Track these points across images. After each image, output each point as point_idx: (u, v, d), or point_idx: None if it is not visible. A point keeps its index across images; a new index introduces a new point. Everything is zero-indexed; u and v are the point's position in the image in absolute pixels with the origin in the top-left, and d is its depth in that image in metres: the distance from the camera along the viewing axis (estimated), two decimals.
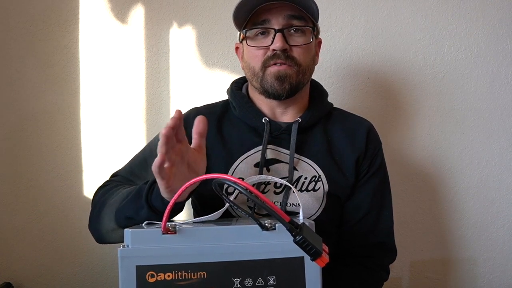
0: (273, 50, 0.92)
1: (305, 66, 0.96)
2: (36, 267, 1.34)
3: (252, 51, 0.96)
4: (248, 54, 0.98)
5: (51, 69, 1.33)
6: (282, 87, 0.93)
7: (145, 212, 0.77)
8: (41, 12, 1.32)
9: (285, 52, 0.92)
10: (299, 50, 0.94)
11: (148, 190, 0.78)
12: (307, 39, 0.95)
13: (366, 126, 1.05)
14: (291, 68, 0.93)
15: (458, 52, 1.41)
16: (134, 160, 1.03)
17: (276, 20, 0.92)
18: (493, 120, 1.41)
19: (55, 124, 1.33)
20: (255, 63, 0.95)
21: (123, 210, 0.83)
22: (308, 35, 0.96)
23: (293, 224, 0.60)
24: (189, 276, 0.65)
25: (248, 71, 0.99)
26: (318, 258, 0.59)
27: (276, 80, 0.93)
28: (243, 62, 1.02)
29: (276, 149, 0.98)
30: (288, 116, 1.02)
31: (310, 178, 0.97)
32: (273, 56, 0.92)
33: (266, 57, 0.93)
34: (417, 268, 1.41)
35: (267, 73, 0.94)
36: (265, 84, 0.95)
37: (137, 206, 0.79)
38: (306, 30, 0.95)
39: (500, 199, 1.42)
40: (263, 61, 0.94)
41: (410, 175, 1.40)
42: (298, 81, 0.95)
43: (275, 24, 0.92)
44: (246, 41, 0.97)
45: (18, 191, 1.33)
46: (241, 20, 0.96)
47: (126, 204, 0.83)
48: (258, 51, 0.94)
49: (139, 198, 0.79)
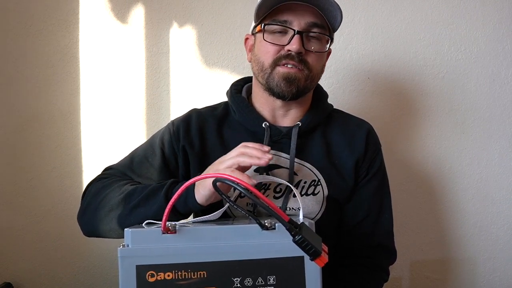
0: (288, 50, 0.91)
1: (315, 73, 0.95)
2: (36, 267, 1.34)
3: (265, 46, 0.94)
4: (260, 48, 0.96)
5: (51, 69, 1.33)
6: (289, 89, 0.92)
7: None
8: (41, 12, 1.32)
9: (299, 55, 0.91)
10: (313, 56, 0.93)
11: (169, 189, 0.82)
12: (322, 47, 0.95)
13: (366, 128, 1.04)
14: (302, 72, 0.92)
15: (458, 52, 1.41)
16: (134, 156, 1.01)
17: (297, 22, 0.91)
18: (493, 120, 1.42)
19: (55, 124, 1.33)
20: (266, 58, 0.94)
21: (140, 212, 0.82)
22: (324, 43, 0.95)
23: (292, 223, 0.60)
24: (189, 276, 0.65)
25: (256, 64, 0.97)
26: (317, 258, 0.59)
27: (283, 81, 0.92)
28: (251, 54, 1.00)
29: (276, 153, 0.97)
30: (288, 119, 1.01)
31: (310, 182, 0.96)
32: (287, 56, 0.91)
33: (279, 56, 0.92)
34: (417, 268, 1.41)
35: (276, 71, 0.93)
36: (271, 82, 0.93)
37: (154, 204, 0.81)
38: (323, 38, 0.95)
39: (500, 199, 1.42)
40: (274, 59, 0.92)
41: (410, 175, 1.40)
42: (305, 86, 0.94)
43: (295, 26, 0.91)
44: (263, 34, 0.94)
45: (18, 191, 1.33)
46: (262, 12, 0.94)
47: (142, 205, 0.82)
48: (272, 48, 0.93)
49: (156, 197, 0.81)
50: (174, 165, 0.99)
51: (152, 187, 0.84)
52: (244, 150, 0.79)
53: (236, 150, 0.80)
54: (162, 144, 0.99)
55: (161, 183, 0.85)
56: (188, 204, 0.80)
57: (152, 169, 0.97)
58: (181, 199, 0.80)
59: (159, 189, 0.83)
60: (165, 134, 1.00)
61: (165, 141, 0.99)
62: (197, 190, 0.79)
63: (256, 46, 0.98)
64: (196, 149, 0.98)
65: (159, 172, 0.97)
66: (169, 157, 0.98)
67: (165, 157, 0.98)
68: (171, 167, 0.98)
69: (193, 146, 0.98)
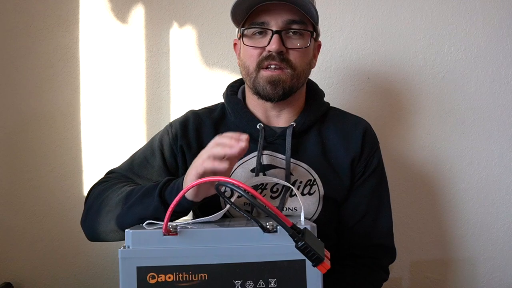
0: (269, 51, 0.91)
1: (300, 70, 0.94)
2: (36, 267, 1.34)
3: (248, 50, 0.95)
4: (244, 53, 0.97)
5: (51, 69, 1.33)
6: (274, 91, 0.92)
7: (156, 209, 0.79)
8: (41, 12, 1.32)
9: (280, 55, 0.91)
10: (295, 53, 0.93)
11: (162, 188, 0.81)
12: (304, 43, 0.94)
13: (363, 126, 1.04)
14: (285, 73, 0.92)
15: (458, 52, 1.41)
16: (134, 158, 1.02)
17: (275, 22, 0.91)
18: (493, 120, 1.42)
19: (55, 124, 1.33)
20: (250, 62, 0.94)
21: (135, 212, 0.82)
22: (306, 39, 0.94)
23: (295, 229, 0.60)
24: (190, 278, 0.65)
25: (243, 69, 0.98)
26: (319, 264, 0.59)
27: (268, 84, 0.92)
28: (239, 59, 1.01)
29: (272, 154, 0.97)
30: (282, 119, 1.01)
31: (305, 182, 0.96)
32: (268, 57, 0.91)
33: (261, 58, 0.92)
34: (417, 268, 1.41)
35: (260, 75, 0.93)
36: (257, 85, 0.94)
37: (150, 204, 0.80)
38: (305, 34, 0.94)
39: (500, 199, 1.42)
40: (258, 62, 0.93)
41: (410, 175, 1.40)
42: (292, 86, 0.94)
43: (273, 26, 0.91)
44: (242, 39, 0.95)
45: (18, 191, 1.33)
46: (240, 18, 0.95)
47: (137, 204, 0.82)
48: (254, 51, 0.93)
49: (150, 196, 0.81)
50: (174, 166, 0.99)
51: (147, 187, 0.84)
52: (219, 140, 0.76)
53: (211, 142, 0.77)
54: (161, 145, 1.00)
55: (155, 183, 0.85)
56: (182, 203, 0.78)
57: (152, 170, 0.98)
58: (173, 197, 0.77)
59: (153, 188, 0.82)
60: (164, 136, 1.01)
61: (164, 142, 1.00)
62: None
63: (241, 51, 0.99)
64: (193, 151, 0.98)
65: (159, 173, 0.97)
66: (168, 158, 0.99)
67: (165, 158, 0.99)
68: (171, 168, 0.99)
69: (191, 148, 0.98)
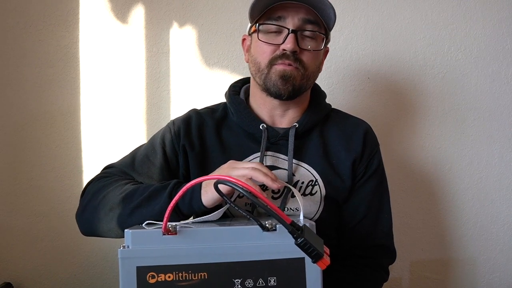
0: (283, 50, 0.91)
1: (310, 72, 0.95)
2: (36, 267, 1.34)
3: (261, 46, 0.94)
4: (256, 49, 0.96)
5: (51, 69, 1.33)
6: (285, 87, 0.93)
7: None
8: (41, 12, 1.32)
9: (294, 54, 0.91)
10: (308, 54, 0.93)
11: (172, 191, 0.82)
12: (318, 45, 0.95)
13: (363, 128, 1.04)
14: (297, 71, 0.93)
15: (458, 52, 1.41)
16: (135, 155, 1.01)
17: (291, 19, 0.91)
18: (493, 120, 1.42)
19: (55, 124, 1.33)
20: (262, 59, 0.94)
21: (142, 213, 0.82)
22: (319, 42, 0.95)
23: (294, 226, 0.60)
24: (189, 277, 0.65)
25: (253, 65, 0.98)
26: (319, 260, 0.59)
27: (280, 79, 0.92)
28: (248, 55, 1.00)
29: (274, 155, 0.98)
30: (286, 119, 1.01)
31: (307, 183, 0.97)
32: (282, 55, 0.92)
33: (275, 56, 0.93)
34: (417, 268, 1.41)
35: (273, 71, 0.93)
36: (268, 82, 0.94)
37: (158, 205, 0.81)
38: (318, 37, 0.95)
39: (500, 199, 1.42)
40: (270, 59, 0.93)
41: (410, 175, 1.40)
42: (301, 85, 0.95)
43: (289, 23, 0.91)
44: (258, 34, 0.95)
45: (18, 191, 1.33)
46: (256, 13, 0.95)
47: (145, 206, 0.82)
48: (268, 48, 0.93)
49: (159, 198, 0.81)
50: (175, 163, 0.99)
51: (154, 188, 0.84)
52: (260, 167, 0.79)
53: (252, 163, 0.80)
54: (163, 143, 0.99)
55: (163, 184, 0.85)
56: (193, 206, 0.80)
57: (153, 167, 0.97)
58: (186, 200, 0.80)
59: (163, 189, 0.83)
60: (166, 133, 1.01)
61: (166, 140, 1.00)
62: (204, 192, 0.79)
63: (252, 47, 0.99)
64: (195, 150, 0.98)
65: (160, 171, 0.97)
66: (170, 156, 0.99)
67: (166, 156, 0.98)
68: (172, 165, 0.99)
69: (193, 147, 0.98)
